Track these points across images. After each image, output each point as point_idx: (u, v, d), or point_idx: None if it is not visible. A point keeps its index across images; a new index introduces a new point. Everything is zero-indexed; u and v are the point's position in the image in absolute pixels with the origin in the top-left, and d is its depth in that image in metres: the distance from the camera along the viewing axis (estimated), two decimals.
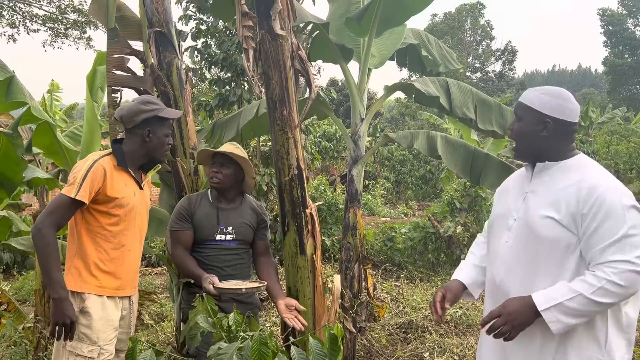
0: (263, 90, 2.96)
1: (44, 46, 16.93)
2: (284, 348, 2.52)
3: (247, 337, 2.43)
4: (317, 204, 3.37)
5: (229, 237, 2.89)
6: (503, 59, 37.55)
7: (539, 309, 1.80)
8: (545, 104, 1.94)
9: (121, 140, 2.62)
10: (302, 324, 2.84)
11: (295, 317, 2.85)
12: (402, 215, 14.33)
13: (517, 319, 1.83)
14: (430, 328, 4.97)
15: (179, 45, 3.34)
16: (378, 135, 15.75)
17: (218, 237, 2.86)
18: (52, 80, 10.55)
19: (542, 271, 1.93)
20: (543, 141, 1.96)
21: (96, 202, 2.42)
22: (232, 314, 2.49)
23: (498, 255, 2.10)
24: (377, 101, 4.40)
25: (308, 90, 3.03)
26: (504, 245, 2.07)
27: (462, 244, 8.06)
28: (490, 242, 2.20)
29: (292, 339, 2.68)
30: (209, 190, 2.99)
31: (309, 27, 4.35)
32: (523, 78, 59.23)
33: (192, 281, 2.87)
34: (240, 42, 2.81)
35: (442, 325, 5.08)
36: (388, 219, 13.34)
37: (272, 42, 2.83)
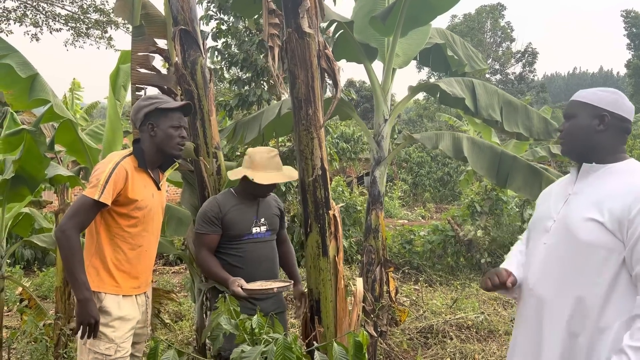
0: (286, 89, 2.92)
1: (65, 45, 17.12)
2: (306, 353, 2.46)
3: (271, 340, 2.40)
4: (339, 205, 3.32)
5: (263, 228, 2.94)
6: (523, 60, 37.15)
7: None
8: (602, 99, 1.89)
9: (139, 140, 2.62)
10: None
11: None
12: (420, 218, 14.21)
13: None
14: (451, 333, 4.89)
15: (203, 44, 3.31)
16: (396, 136, 15.66)
17: (254, 230, 2.90)
18: (74, 79, 10.65)
19: (578, 277, 1.86)
20: (597, 137, 1.89)
21: (116, 204, 2.43)
22: (255, 316, 2.46)
23: (534, 257, 2.04)
24: (401, 102, 4.33)
25: (334, 89, 2.98)
26: (542, 247, 2.01)
27: (482, 248, 7.95)
28: (529, 244, 2.14)
29: (315, 344, 2.64)
30: (232, 189, 3.00)
31: (332, 27, 4.30)
32: (543, 80, 58.55)
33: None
34: (266, 40, 2.77)
35: (463, 330, 4.99)
36: (406, 221, 13.23)
37: (299, 40, 2.79)
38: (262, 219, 2.95)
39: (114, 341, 2.43)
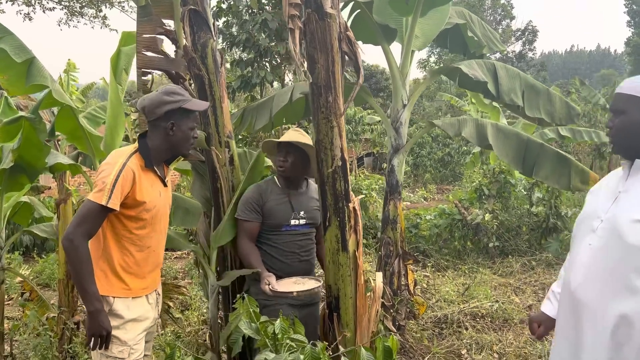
0: (307, 75, 2.72)
1: (59, 25, 16.73)
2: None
3: (295, 346, 2.26)
4: (358, 197, 3.16)
5: (302, 221, 2.95)
6: (523, 39, 36.71)
7: None
8: None
9: (146, 133, 2.43)
10: None
11: None
12: (422, 200, 14.09)
13: None
14: (466, 323, 4.77)
15: (213, 25, 3.10)
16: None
17: (292, 222, 2.91)
18: (69, 59, 10.37)
19: (624, 283, 1.71)
20: None
21: (124, 207, 2.29)
22: (278, 321, 2.31)
23: (578, 258, 1.90)
24: (421, 85, 4.13)
25: (356, 75, 2.79)
26: (586, 249, 1.86)
27: (490, 231, 7.82)
28: (573, 244, 1.99)
29: (341, 348, 2.50)
30: (275, 177, 3.01)
31: (349, 6, 4.07)
32: (541, 58, 58.15)
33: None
34: (286, 21, 2.57)
35: (478, 320, 4.88)
36: (408, 203, 13.10)
37: (319, 21, 2.59)
38: (302, 212, 2.95)
39: (126, 343, 2.33)
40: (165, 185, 2.48)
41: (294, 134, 2.98)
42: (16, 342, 4.77)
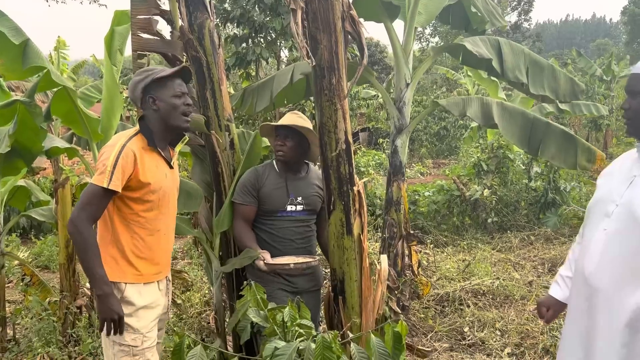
0: (311, 57, 2.64)
1: (47, 0, 16.34)
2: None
3: (304, 334, 2.24)
4: (362, 180, 3.12)
5: (299, 207, 2.86)
6: (519, 9, 36.29)
7: None
8: None
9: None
10: None
11: None
12: (419, 175, 14.07)
13: None
14: (468, 300, 4.80)
15: (210, 5, 3.00)
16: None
17: (289, 207, 2.83)
18: (59, 37, 10.16)
19: None
20: None
21: (128, 189, 2.25)
22: (286, 309, 2.29)
23: (592, 244, 1.87)
24: (424, 64, 4.04)
25: (359, 55, 2.72)
26: (601, 234, 1.83)
27: (488, 207, 7.83)
28: (586, 229, 1.95)
29: (349, 334, 2.50)
30: (274, 161, 2.93)
31: None
32: (536, 29, 57.57)
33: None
34: (287, 1, 2.48)
35: (479, 297, 4.90)
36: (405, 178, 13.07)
37: (322, 0, 2.51)
38: (299, 198, 2.86)
39: (139, 331, 2.30)
40: (171, 167, 2.44)
41: (293, 117, 2.90)
42: (18, 325, 4.76)
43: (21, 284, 4.54)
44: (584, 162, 3.52)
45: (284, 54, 8.83)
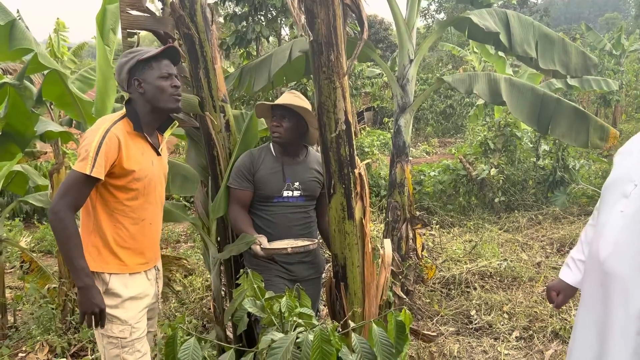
0: (308, 32, 2.50)
1: None
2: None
3: (303, 324, 2.14)
4: (364, 162, 2.99)
5: (296, 192, 2.73)
6: None
7: None
8: None
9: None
10: None
11: None
12: (425, 154, 13.92)
13: None
14: (474, 283, 4.69)
15: None
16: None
17: (285, 193, 2.70)
18: (58, 19, 10.00)
19: None
20: None
21: (112, 176, 2.15)
22: (284, 299, 2.19)
23: (607, 226, 1.75)
24: (428, 39, 3.86)
25: (359, 29, 2.57)
26: (618, 216, 1.71)
27: (495, 186, 7.69)
28: (602, 210, 1.83)
29: (351, 324, 2.40)
30: (271, 144, 2.80)
31: None
32: (544, 3, 56.56)
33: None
34: None
35: (486, 279, 4.80)
36: (410, 158, 12.91)
37: None
38: (296, 183, 2.73)
39: (127, 322, 2.22)
40: (158, 154, 2.32)
41: (290, 97, 2.76)
42: (19, 312, 4.72)
43: (18, 271, 4.48)
44: (597, 140, 3.36)
45: (285, 31, 8.63)
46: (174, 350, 2.09)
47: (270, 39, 8.29)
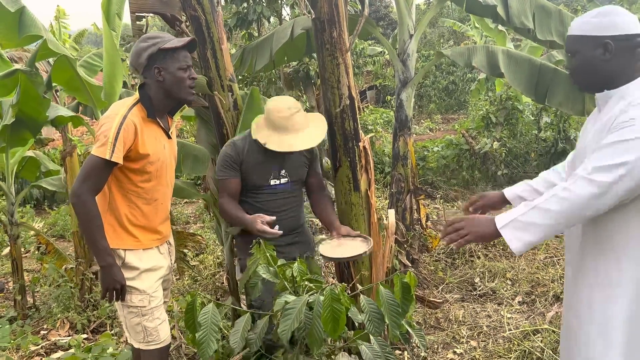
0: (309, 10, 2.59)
1: None
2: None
3: (313, 288, 2.27)
4: (368, 136, 3.10)
5: (283, 180, 2.67)
6: None
7: (498, 227, 1.75)
8: (598, 26, 1.74)
9: (144, 85, 2.36)
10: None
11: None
12: (428, 131, 13.97)
13: (476, 228, 1.81)
14: (478, 252, 4.82)
15: None
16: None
17: (272, 182, 2.66)
18: (58, 6, 10.03)
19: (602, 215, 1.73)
20: (606, 66, 1.75)
21: (127, 160, 2.24)
22: (296, 264, 2.32)
23: None
24: (427, 14, 3.93)
25: (360, 7, 2.66)
26: None
27: (498, 159, 7.78)
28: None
29: (358, 286, 2.53)
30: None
31: None
32: None
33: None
34: None
35: (489, 249, 4.92)
36: (414, 135, 12.97)
37: None
38: (283, 171, 2.67)
39: (145, 292, 2.36)
40: (169, 137, 2.43)
41: (294, 142, 2.50)
42: (37, 293, 4.88)
43: (36, 252, 4.63)
44: (592, 107, 3.43)
45: (286, 12, 8.66)
46: (193, 316, 2.23)
47: (272, 19, 8.33)
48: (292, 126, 2.48)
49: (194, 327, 2.19)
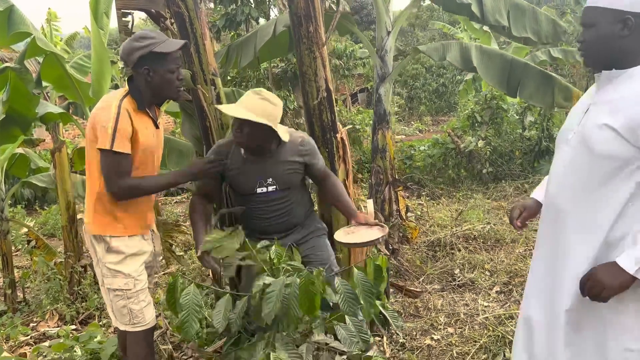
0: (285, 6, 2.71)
1: None
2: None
3: (290, 270, 2.37)
4: (346, 127, 3.21)
5: (270, 188, 2.59)
6: None
7: (631, 273, 1.65)
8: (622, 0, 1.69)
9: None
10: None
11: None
12: (417, 132, 14.13)
13: (610, 282, 1.69)
14: (459, 245, 4.95)
15: None
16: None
17: (259, 190, 2.59)
18: (49, 9, 10.09)
19: (594, 190, 1.79)
20: (622, 43, 1.72)
21: None
22: (273, 247, 2.42)
23: (555, 168, 1.99)
24: (404, 11, 4.07)
25: (335, 2, 2.78)
26: (560, 160, 1.95)
27: (483, 158, 7.93)
28: (554, 157, 2.07)
29: (334, 270, 2.63)
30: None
31: None
32: None
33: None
34: None
35: (470, 241, 5.05)
36: (403, 136, 13.14)
37: None
38: (269, 179, 2.58)
39: (130, 275, 2.44)
40: (157, 127, 2.52)
41: (250, 103, 2.43)
42: (28, 288, 4.96)
43: (26, 246, 4.71)
44: (561, 100, 3.59)
45: (274, 13, 8.78)
46: (174, 297, 2.32)
47: (260, 21, 8.44)
48: (242, 101, 2.47)
49: (175, 307, 2.29)
